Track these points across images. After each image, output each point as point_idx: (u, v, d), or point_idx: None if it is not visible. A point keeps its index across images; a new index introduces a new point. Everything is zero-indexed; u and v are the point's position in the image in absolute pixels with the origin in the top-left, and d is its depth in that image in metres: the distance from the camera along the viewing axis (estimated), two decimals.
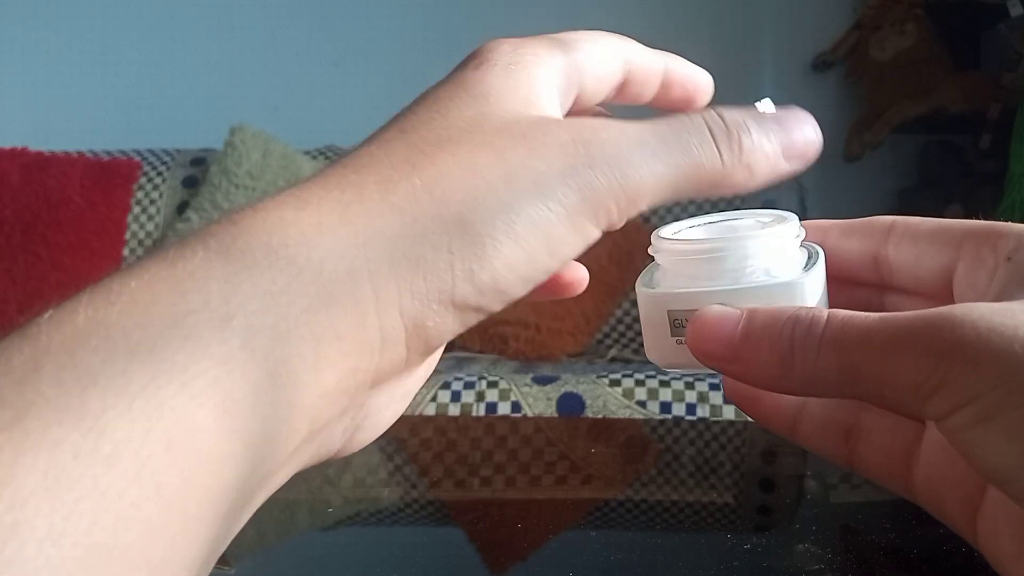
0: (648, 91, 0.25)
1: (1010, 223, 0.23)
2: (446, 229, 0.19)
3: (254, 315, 0.17)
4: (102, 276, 0.18)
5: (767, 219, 0.26)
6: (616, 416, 1.18)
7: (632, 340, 1.62)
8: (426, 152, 0.20)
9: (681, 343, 0.24)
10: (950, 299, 0.23)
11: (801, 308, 0.21)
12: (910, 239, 0.25)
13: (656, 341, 0.25)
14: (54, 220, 1.62)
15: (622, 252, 1.61)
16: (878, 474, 0.25)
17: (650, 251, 0.26)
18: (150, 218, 1.68)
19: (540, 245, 0.20)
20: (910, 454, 0.24)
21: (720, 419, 1.18)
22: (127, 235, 1.68)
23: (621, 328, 1.63)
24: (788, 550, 0.41)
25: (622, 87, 0.25)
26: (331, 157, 1.74)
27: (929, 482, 0.24)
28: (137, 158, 1.74)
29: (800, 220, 0.26)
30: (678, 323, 0.24)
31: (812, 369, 0.20)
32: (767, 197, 1.56)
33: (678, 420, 1.12)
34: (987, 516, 0.22)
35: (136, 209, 1.68)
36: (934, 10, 1.88)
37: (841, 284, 0.26)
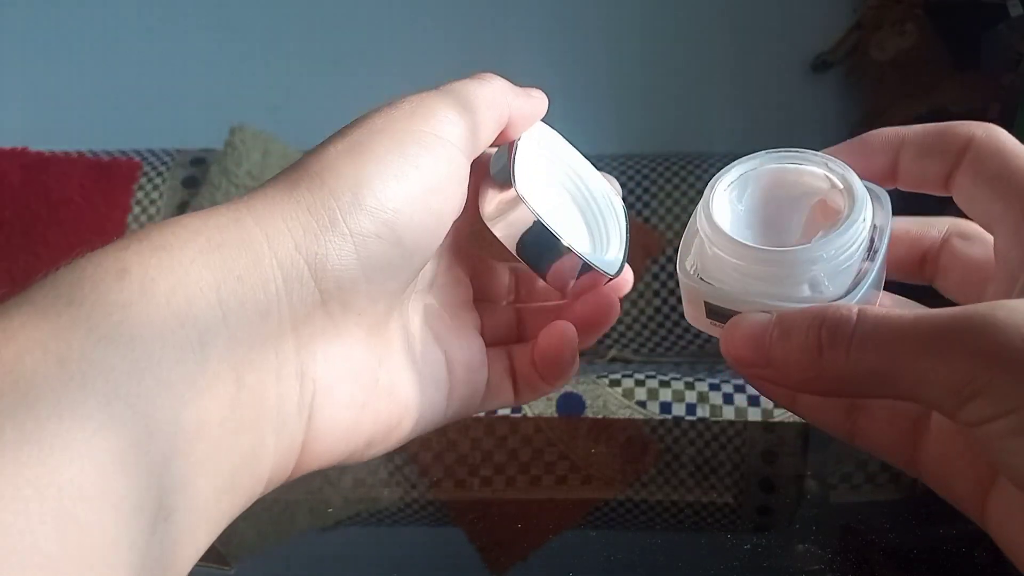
0: None
1: None
2: (317, 174, 0.22)
3: (153, 268, 0.19)
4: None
5: (838, 181, 0.25)
6: (616, 416, 1.18)
7: (632, 340, 1.62)
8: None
9: (715, 324, 0.25)
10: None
11: (829, 307, 0.21)
12: (972, 176, 0.23)
13: (693, 311, 0.26)
14: (54, 220, 1.62)
15: None
16: (881, 448, 0.25)
17: (699, 219, 0.25)
18: (150, 218, 1.68)
19: (400, 159, 0.23)
20: (917, 430, 0.24)
21: (720, 419, 1.18)
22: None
23: (621, 328, 1.63)
24: (788, 550, 0.41)
25: None
26: None
27: (938, 460, 0.23)
28: (137, 158, 1.74)
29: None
30: (715, 312, 0.24)
31: (843, 368, 0.20)
32: None
33: (678, 420, 1.11)
34: (999, 497, 0.22)
35: (136, 209, 1.68)
36: (934, 10, 1.88)
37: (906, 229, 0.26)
